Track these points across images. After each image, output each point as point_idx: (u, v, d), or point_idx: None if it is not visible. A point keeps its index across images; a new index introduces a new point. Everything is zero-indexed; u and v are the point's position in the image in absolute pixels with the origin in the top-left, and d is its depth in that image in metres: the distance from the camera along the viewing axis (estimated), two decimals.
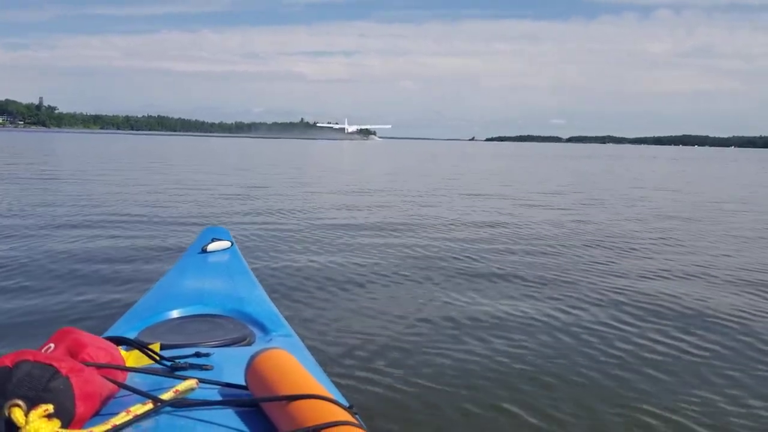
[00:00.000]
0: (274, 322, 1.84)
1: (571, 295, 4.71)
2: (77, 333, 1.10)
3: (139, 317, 1.84)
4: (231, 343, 1.56)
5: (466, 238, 7.35)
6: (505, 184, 17.29)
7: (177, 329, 1.64)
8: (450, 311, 4.20)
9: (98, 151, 35.09)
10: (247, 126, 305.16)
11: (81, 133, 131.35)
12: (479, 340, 3.63)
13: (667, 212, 10.71)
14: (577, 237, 7.67)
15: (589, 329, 3.89)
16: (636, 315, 4.22)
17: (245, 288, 2.15)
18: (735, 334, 3.87)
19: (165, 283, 2.24)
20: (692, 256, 6.56)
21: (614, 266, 5.88)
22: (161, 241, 6.52)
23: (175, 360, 1.30)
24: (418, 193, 13.59)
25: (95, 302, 4.18)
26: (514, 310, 4.25)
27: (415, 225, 8.35)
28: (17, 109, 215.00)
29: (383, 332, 3.72)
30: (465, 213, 9.97)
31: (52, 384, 0.91)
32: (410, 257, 6.06)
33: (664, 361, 3.37)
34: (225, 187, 13.48)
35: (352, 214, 9.48)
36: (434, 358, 3.34)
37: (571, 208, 11.01)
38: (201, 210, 9.45)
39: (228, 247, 2.63)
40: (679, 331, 3.86)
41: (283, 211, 9.45)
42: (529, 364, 3.31)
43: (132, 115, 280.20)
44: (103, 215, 8.37)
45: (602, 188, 16.70)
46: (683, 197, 14.34)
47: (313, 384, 1.10)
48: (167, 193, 11.81)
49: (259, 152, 44.09)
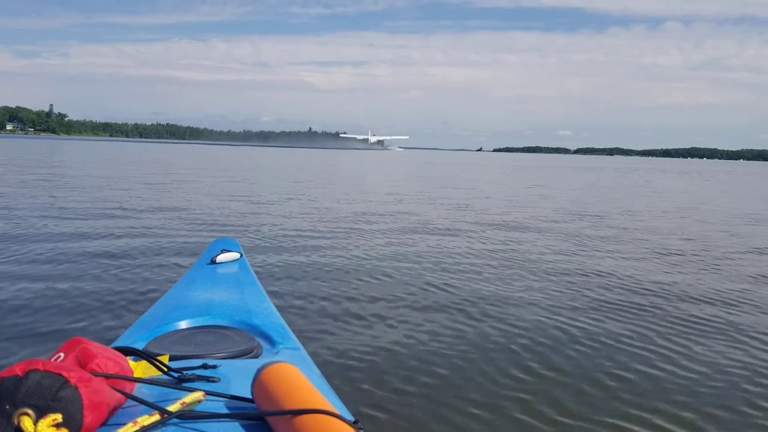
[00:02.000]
0: (282, 335, 1.85)
1: (610, 315, 4.66)
2: (86, 343, 1.11)
3: (148, 328, 1.85)
4: (238, 355, 1.57)
5: (482, 250, 7.35)
6: (539, 195, 17.27)
7: (185, 340, 1.65)
8: (461, 325, 4.18)
9: (111, 156, 35.24)
10: (270, 134, 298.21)
11: (90, 140, 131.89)
12: (488, 355, 3.61)
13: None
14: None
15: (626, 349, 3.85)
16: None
17: (253, 300, 2.15)
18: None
19: (173, 293, 2.24)
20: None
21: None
22: (171, 252, 6.55)
23: (182, 371, 1.31)
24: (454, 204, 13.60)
25: (104, 312, 4.20)
26: (529, 325, 4.22)
27: (442, 237, 8.34)
28: (27, 116, 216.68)
29: (390, 346, 3.71)
30: (480, 227, 9.97)
31: (61, 393, 0.92)
32: (424, 271, 6.01)
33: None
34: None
35: (373, 223, 9.50)
36: (442, 372, 3.32)
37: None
38: (243, 221, 9.49)
39: (237, 259, 2.63)
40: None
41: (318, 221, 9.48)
42: (541, 378, 3.29)
43: (141, 123, 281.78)
44: (112, 224, 8.41)
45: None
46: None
47: (318, 398, 1.11)
48: (196, 204, 11.78)
49: (302, 161, 43.03)
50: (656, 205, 15.49)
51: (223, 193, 14.47)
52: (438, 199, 15.00)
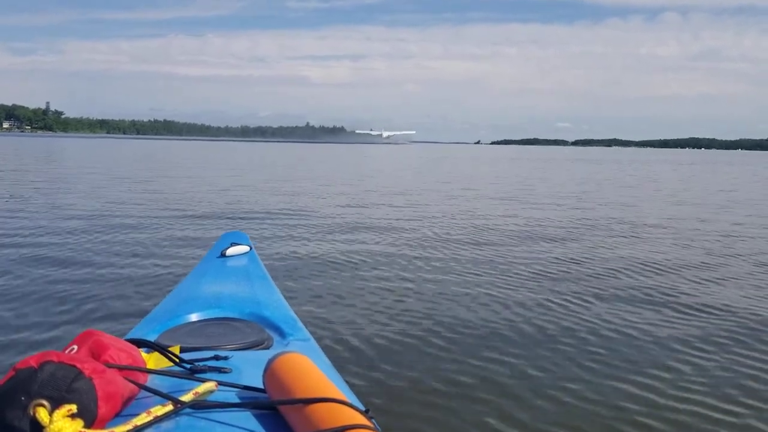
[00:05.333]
0: (292, 326, 1.86)
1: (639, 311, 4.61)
2: (100, 335, 1.12)
3: (159, 320, 1.86)
4: (249, 346, 1.57)
5: (492, 242, 7.36)
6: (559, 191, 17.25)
7: (196, 332, 1.66)
8: (471, 318, 4.16)
9: (114, 155, 35.15)
10: (267, 129, 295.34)
11: (88, 138, 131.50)
12: (499, 347, 3.61)
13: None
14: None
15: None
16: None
17: (263, 292, 2.16)
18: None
19: (184, 287, 2.26)
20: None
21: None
22: (181, 246, 6.57)
23: (194, 363, 1.31)
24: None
25: (117, 305, 4.24)
26: (540, 320, 4.17)
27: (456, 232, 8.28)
28: (24, 114, 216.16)
29: (400, 337, 3.72)
30: (494, 222, 9.96)
31: (75, 385, 0.93)
32: (437, 262, 5.99)
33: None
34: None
35: (391, 216, 9.54)
36: (452, 363, 3.33)
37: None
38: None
39: (246, 252, 2.64)
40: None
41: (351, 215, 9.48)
42: (549, 371, 3.28)
43: (138, 120, 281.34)
44: (123, 220, 8.42)
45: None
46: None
47: (329, 387, 1.11)
48: (212, 197, 11.79)
49: (335, 157, 42.26)
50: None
51: (257, 188, 14.50)
52: (453, 192, 15.01)
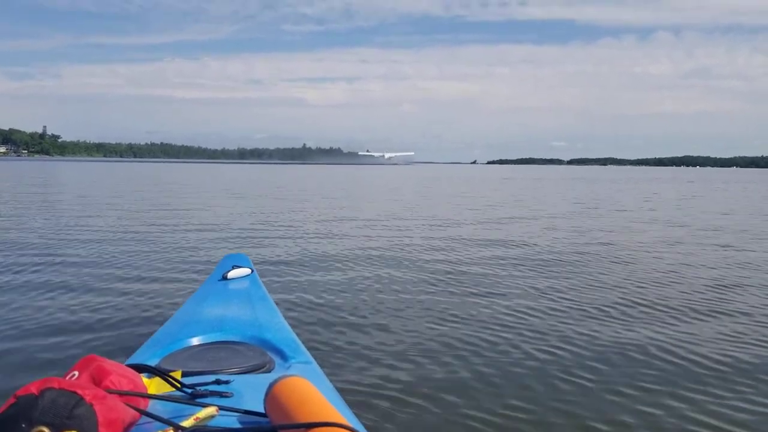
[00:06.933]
0: (294, 349, 1.85)
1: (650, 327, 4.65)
2: (101, 360, 1.12)
3: (161, 344, 1.85)
4: (251, 370, 1.57)
5: (495, 257, 7.37)
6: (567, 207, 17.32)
7: (197, 356, 1.65)
8: (476, 339, 4.13)
9: (114, 180, 35.16)
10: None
11: (85, 161, 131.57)
12: (504, 369, 3.57)
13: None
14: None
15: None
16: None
17: (265, 315, 2.15)
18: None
19: (186, 310, 2.25)
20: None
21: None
22: (182, 269, 6.55)
23: (195, 387, 1.31)
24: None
25: (118, 330, 4.21)
26: (543, 338, 4.17)
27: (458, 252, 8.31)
28: (21, 138, 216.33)
29: (402, 359, 3.69)
30: (487, 239, 9.99)
31: (76, 411, 0.93)
32: (438, 285, 5.96)
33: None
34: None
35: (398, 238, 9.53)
36: (455, 385, 3.30)
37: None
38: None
39: (248, 274, 2.63)
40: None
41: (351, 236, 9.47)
42: (556, 389, 3.26)
43: (135, 143, 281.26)
44: (123, 244, 8.39)
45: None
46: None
47: (331, 411, 1.11)
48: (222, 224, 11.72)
49: (344, 178, 42.03)
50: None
51: (253, 211, 14.50)
52: (454, 209, 15.01)
